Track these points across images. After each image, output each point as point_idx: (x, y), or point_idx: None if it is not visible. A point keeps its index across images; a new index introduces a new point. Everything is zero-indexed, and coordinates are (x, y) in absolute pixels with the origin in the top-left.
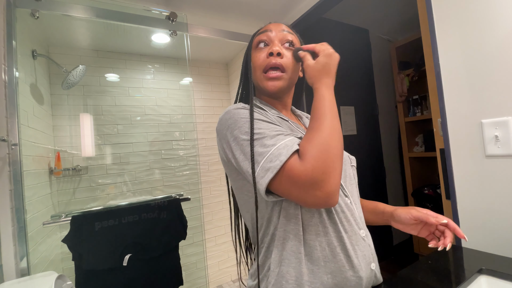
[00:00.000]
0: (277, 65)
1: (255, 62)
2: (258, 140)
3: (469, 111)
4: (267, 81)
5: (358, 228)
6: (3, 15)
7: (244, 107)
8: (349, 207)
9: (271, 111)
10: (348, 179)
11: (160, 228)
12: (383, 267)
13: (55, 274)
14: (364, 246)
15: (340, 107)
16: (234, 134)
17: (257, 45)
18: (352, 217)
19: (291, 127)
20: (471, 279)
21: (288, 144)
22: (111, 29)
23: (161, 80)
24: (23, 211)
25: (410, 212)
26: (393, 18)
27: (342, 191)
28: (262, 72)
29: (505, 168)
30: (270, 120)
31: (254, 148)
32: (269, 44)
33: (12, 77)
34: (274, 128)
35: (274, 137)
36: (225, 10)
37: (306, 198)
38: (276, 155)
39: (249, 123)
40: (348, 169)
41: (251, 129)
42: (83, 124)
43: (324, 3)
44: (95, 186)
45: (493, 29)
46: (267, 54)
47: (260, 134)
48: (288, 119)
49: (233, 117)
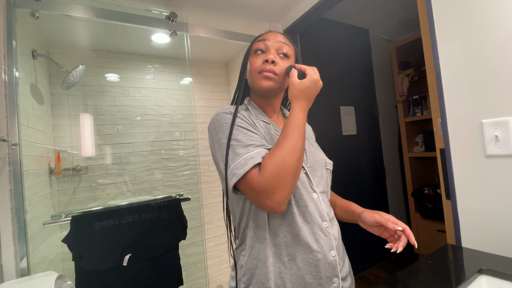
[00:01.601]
0: (270, 71)
1: (252, 66)
2: (233, 147)
3: (469, 111)
4: (261, 80)
5: (322, 220)
6: (3, 15)
7: (232, 112)
8: (314, 201)
9: (258, 116)
10: (318, 178)
11: (160, 228)
12: (383, 267)
13: (55, 274)
14: (325, 236)
15: (340, 107)
16: (218, 137)
17: (255, 51)
18: (316, 210)
19: (270, 132)
20: (471, 279)
21: (254, 156)
22: (111, 29)
23: (161, 80)
24: (23, 211)
25: (374, 216)
26: (393, 18)
27: (310, 186)
28: (257, 73)
29: (505, 168)
30: (250, 128)
31: (229, 153)
32: (266, 51)
33: (12, 77)
34: (250, 137)
35: (246, 147)
36: (225, 10)
37: (258, 203)
38: (243, 164)
39: (226, 130)
40: (320, 170)
41: (229, 135)
42: (83, 124)
43: (324, 3)
44: (95, 186)
45: (493, 29)
46: (263, 60)
47: (236, 140)
48: (271, 122)
49: (220, 120)
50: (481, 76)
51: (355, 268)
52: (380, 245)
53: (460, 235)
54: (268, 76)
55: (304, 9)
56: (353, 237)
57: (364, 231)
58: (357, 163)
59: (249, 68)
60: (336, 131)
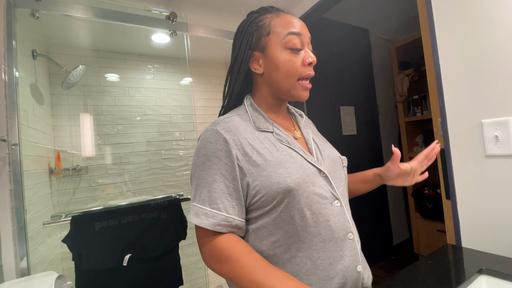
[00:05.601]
0: (312, 76)
1: (292, 68)
2: (199, 185)
3: (469, 111)
4: (303, 91)
5: (346, 232)
6: (3, 15)
7: (219, 139)
8: (337, 212)
9: (259, 125)
10: (338, 179)
11: (160, 228)
12: (383, 267)
13: (55, 274)
14: (350, 251)
15: (340, 107)
16: (194, 161)
17: (288, 47)
18: (340, 222)
19: (272, 142)
20: (471, 279)
21: (208, 215)
22: (111, 29)
23: (161, 80)
24: (23, 211)
25: (393, 171)
26: (393, 18)
27: (332, 193)
28: (297, 80)
29: (505, 168)
30: (228, 176)
31: (197, 192)
32: (302, 48)
33: (12, 77)
34: (218, 186)
35: (209, 197)
36: (225, 10)
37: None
38: (197, 212)
39: (206, 162)
40: (339, 170)
41: (206, 177)
42: (83, 124)
43: (324, 3)
44: (95, 186)
45: (493, 29)
46: (305, 62)
47: (205, 181)
48: (274, 129)
49: (201, 143)
50: (481, 76)
51: None
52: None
53: (460, 235)
54: (309, 88)
55: (304, 9)
56: None
57: (364, 231)
58: (357, 163)
59: (280, 67)
60: (336, 131)
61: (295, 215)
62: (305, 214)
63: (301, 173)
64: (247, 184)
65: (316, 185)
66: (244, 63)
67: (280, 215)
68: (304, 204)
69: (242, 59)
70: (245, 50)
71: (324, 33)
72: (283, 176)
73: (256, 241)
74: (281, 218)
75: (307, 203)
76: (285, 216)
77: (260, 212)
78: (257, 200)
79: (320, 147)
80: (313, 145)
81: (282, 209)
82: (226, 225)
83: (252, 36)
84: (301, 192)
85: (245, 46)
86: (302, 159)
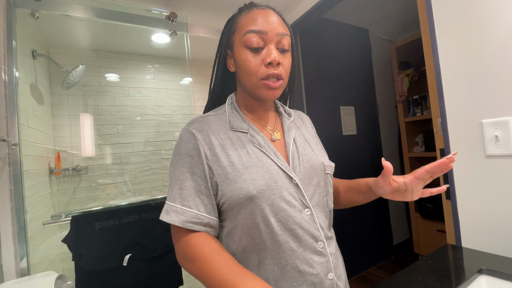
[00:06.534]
0: (277, 75)
1: (249, 67)
2: (171, 183)
3: (469, 111)
4: (267, 91)
5: (316, 240)
6: (3, 15)
7: (192, 139)
8: (305, 220)
9: (235, 124)
10: (313, 187)
11: (160, 228)
12: (383, 267)
13: (55, 274)
14: (320, 259)
15: (340, 107)
16: (171, 160)
17: (246, 46)
18: (308, 231)
19: (244, 144)
20: (471, 279)
21: (178, 212)
22: (111, 29)
23: (161, 80)
24: (23, 211)
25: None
26: (393, 18)
27: (301, 201)
28: (260, 79)
29: (505, 168)
30: (198, 173)
31: (170, 189)
32: (264, 46)
33: (12, 77)
34: (189, 184)
35: (180, 195)
36: (225, 10)
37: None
38: (167, 209)
39: (179, 160)
40: (317, 177)
41: (173, 172)
42: (83, 124)
43: (324, 3)
44: (95, 186)
45: (493, 29)
46: (264, 62)
47: (177, 179)
48: (249, 129)
49: (177, 143)
50: (481, 76)
51: (355, 268)
52: (380, 244)
53: (460, 235)
54: (275, 87)
55: (304, 9)
56: (353, 237)
57: (364, 231)
58: (357, 163)
59: (241, 66)
60: (336, 131)
61: (260, 223)
62: (270, 222)
63: (267, 179)
64: (216, 184)
65: (285, 191)
66: (221, 61)
67: (245, 222)
68: (269, 212)
69: (219, 58)
70: (221, 49)
71: (324, 33)
72: (246, 182)
73: (229, 244)
74: (247, 225)
75: (272, 210)
76: (251, 224)
77: (227, 215)
78: (223, 203)
79: (301, 151)
80: (291, 149)
81: (247, 215)
82: (197, 223)
83: (226, 35)
84: (265, 200)
85: (221, 44)
86: (272, 163)
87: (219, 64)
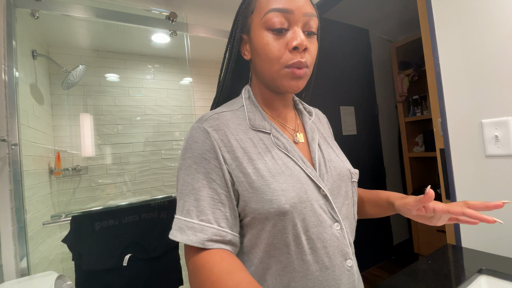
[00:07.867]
0: (303, 65)
1: (271, 52)
2: (184, 193)
3: (469, 111)
4: (290, 80)
5: (345, 258)
6: (3, 15)
7: (204, 138)
8: (336, 237)
9: (256, 123)
10: (342, 198)
11: (160, 228)
12: (383, 267)
13: (55, 274)
14: (348, 278)
15: (340, 107)
16: (179, 164)
17: (268, 27)
18: (339, 248)
19: (267, 147)
20: (471, 279)
21: (196, 229)
22: (111, 29)
23: (161, 80)
24: (23, 211)
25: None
26: (393, 18)
27: (331, 215)
28: (284, 67)
29: (505, 168)
30: (214, 169)
31: (181, 202)
32: (288, 28)
33: (12, 77)
34: (207, 193)
35: (197, 207)
36: (225, 10)
37: None
38: (181, 226)
39: (193, 165)
40: (345, 186)
41: (184, 177)
42: (83, 124)
43: (324, 3)
44: (95, 186)
45: (493, 29)
46: (289, 46)
47: (191, 187)
48: (272, 129)
49: (187, 143)
50: (481, 76)
51: None
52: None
53: (460, 235)
54: (300, 75)
55: None
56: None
57: (364, 231)
58: (357, 163)
59: (260, 52)
60: (336, 131)
61: (291, 243)
62: (301, 240)
63: (298, 190)
64: (237, 193)
65: (315, 204)
66: (235, 48)
67: (273, 241)
68: (301, 229)
69: (232, 43)
70: (235, 32)
71: (324, 33)
72: (276, 193)
73: (246, 264)
74: (274, 245)
75: (303, 227)
76: (279, 244)
77: (248, 231)
78: (245, 215)
79: (326, 157)
80: (317, 154)
81: (276, 234)
82: (217, 241)
83: (241, 16)
84: (297, 215)
85: (235, 28)
86: (300, 171)
87: (232, 50)
